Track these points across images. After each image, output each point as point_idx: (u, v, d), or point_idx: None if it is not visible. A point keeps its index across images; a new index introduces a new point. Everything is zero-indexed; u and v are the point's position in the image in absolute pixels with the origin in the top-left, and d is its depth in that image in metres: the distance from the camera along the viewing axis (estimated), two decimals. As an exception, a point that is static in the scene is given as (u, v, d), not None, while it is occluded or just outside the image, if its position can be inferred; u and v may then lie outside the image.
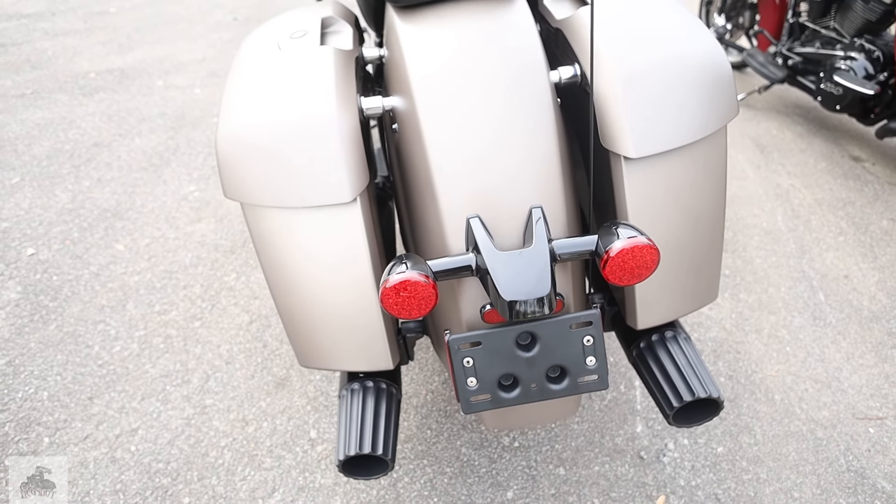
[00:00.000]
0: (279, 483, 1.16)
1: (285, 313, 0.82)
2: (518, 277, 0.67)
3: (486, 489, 1.16)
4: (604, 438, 1.27)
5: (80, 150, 2.36)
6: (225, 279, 1.69)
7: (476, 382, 0.73)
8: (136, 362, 1.42)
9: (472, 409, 0.74)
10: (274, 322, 1.54)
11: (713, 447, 1.26)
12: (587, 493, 1.16)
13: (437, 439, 1.26)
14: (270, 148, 0.72)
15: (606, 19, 0.80)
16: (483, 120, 0.74)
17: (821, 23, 2.59)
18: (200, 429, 1.26)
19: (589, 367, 0.74)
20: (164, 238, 1.86)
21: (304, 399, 1.33)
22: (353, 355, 0.83)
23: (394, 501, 1.13)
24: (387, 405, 0.88)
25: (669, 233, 0.81)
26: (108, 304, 1.59)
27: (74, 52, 3.47)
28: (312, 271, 0.77)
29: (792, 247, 1.94)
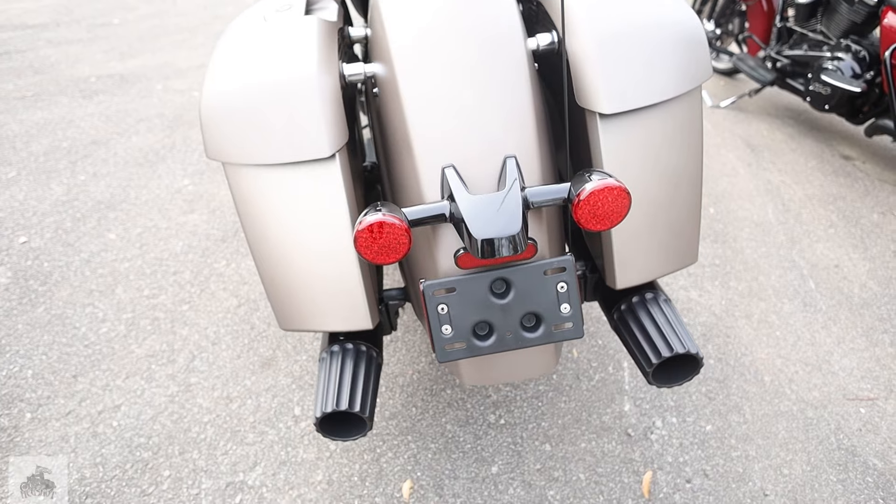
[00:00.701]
0: (261, 457, 1.14)
1: (266, 275, 0.82)
2: (489, 217, 0.68)
3: (470, 464, 1.14)
4: (591, 416, 1.26)
5: (78, 147, 2.39)
6: (215, 266, 1.70)
7: (451, 330, 0.73)
8: (122, 343, 1.41)
9: (448, 357, 0.74)
10: (262, 306, 1.54)
11: (702, 425, 1.25)
12: (573, 468, 1.14)
13: (421, 416, 1.24)
14: (251, 107, 0.74)
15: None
16: (459, 78, 0.75)
17: (807, 26, 2.65)
18: (184, 406, 1.25)
19: (563, 315, 0.74)
20: (157, 228, 1.87)
21: (290, 378, 1.33)
22: (332, 315, 0.84)
23: (376, 475, 1.12)
24: (366, 367, 0.88)
25: (646, 191, 0.81)
26: (98, 289, 1.59)
27: (76, 58, 3.54)
28: (292, 230, 0.78)
29: (782, 238, 1.94)
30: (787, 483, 1.13)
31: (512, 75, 0.77)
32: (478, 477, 1.12)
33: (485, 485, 1.11)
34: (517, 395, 1.30)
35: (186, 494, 1.07)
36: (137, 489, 1.08)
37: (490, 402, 1.28)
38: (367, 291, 0.81)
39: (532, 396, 1.30)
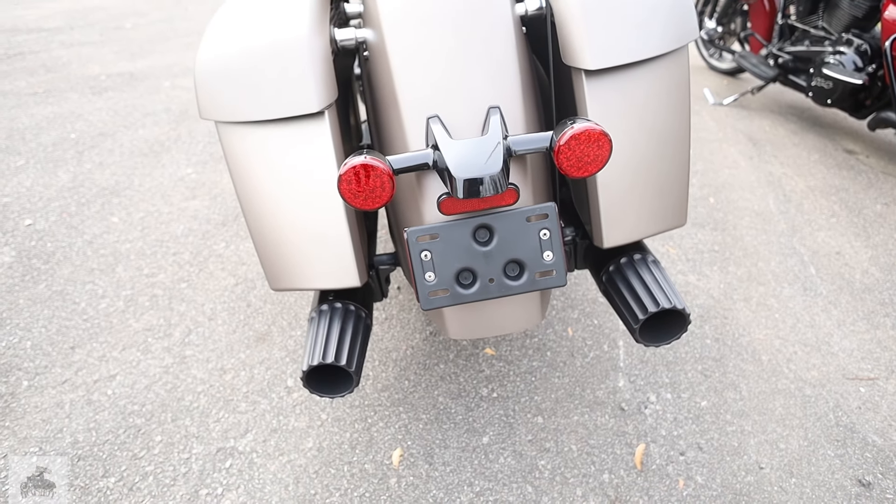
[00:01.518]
0: (252, 425, 1.15)
1: (257, 234, 0.83)
2: (470, 159, 0.69)
3: (461, 434, 1.14)
4: (584, 391, 1.25)
5: (85, 139, 2.44)
6: (214, 247, 1.72)
7: (434, 277, 0.74)
8: (120, 317, 1.43)
9: (431, 304, 0.74)
10: (259, 284, 1.56)
11: (697, 401, 1.23)
12: (565, 439, 1.13)
13: (414, 389, 1.24)
14: (243, 67, 0.76)
15: None
16: (444, 37, 0.77)
17: (809, 22, 2.65)
18: (178, 376, 1.26)
19: (546, 262, 0.74)
20: (159, 212, 1.90)
21: (284, 352, 1.33)
22: (321, 272, 0.84)
23: (367, 444, 1.11)
24: (354, 324, 0.88)
25: (632, 149, 0.82)
26: (98, 268, 1.61)
27: (88, 59, 3.62)
28: (283, 187, 0.79)
29: (783, 226, 1.93)
30: (784, 457, 1.11)
31: (497, 33, 0.78)
32: (468, 446, 1.11)
33: (475, 454, 1.10)
34: (510, 370, 1.30)
35: (177, 458, 1.08)
36: (129, 453, 1.08)
37: (483, 377, 1.27)
38: (355, 249, 0.82)
39: (525, 372, 1.29)
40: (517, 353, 1.34)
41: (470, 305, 0.82)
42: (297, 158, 0.78)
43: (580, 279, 1.61)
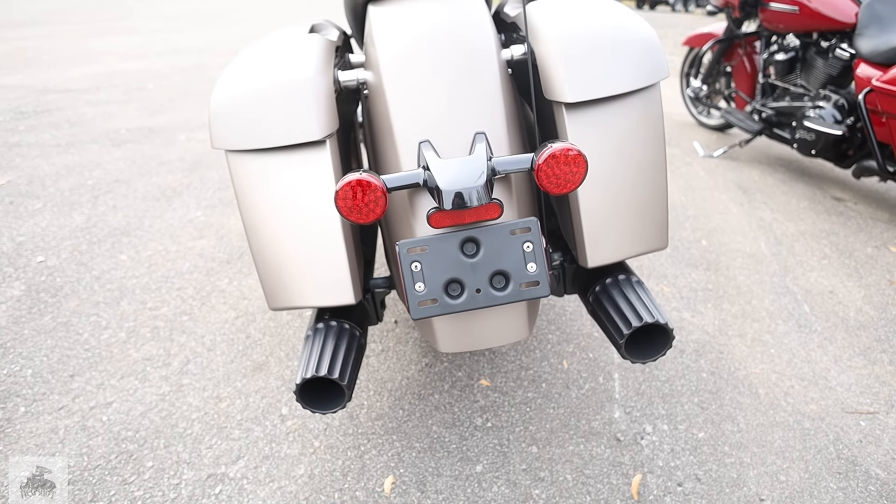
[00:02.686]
0: (244, 451, 1.14)
1: (258, 255, 0.88)
2: (457, 174, 0.75)
3: (454, 463, 1.12)
4: (580, 422, 1.24)
5: (102, 185, 2.55)
6: (218, 283, 1.76)
7: (424, 287, 0.78)
8: (121, 348, 1.45)
9: (421, 314, 0.78)
10: (259, 317, 1.58)
11: (694, 433, 1.22)
12: (560, 469, 1.12)
13: (408, 418, 1.24)
14: (254, 101, 0.84)
15: (547, 8, 0.95)
16: (436, 74, 0.85)
17: (788, 80, 2.82)
18: (174, 404, 1.26)
19: (530, 273, 0.78)
20: (166, 251, 1.96)
21: (280, 381, 1.34)
22: (317, 290, 0.88)
23: (359, 471, 1.10)
24: (348, 341, 0.91)
25: (611, 174, 0.88)
26: (104, 301, 1.65)
27: (111, 115, 3.84)
28: (285, 209, 0.85)
29: (775, 267, 1.96)
30: (784, 489, 1.09)
31: (484, 70, 0.87)
32: (461, 475, 1.10)
33: (468, 482, 1.08)
34: (505, 400, 1.29)
35: (167, 484, 1.06)
36: (119, 477, 1.07)
37: (478, 407, 1.27)
38: (350, 267, 0.87)
39: (520, 402, 1.29)
40: (512, 384, 1.35)
41: (459, 318, 0.85)
42: (299, 182, 0.85)
43: (575, 315, 1.63)
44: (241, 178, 0.86)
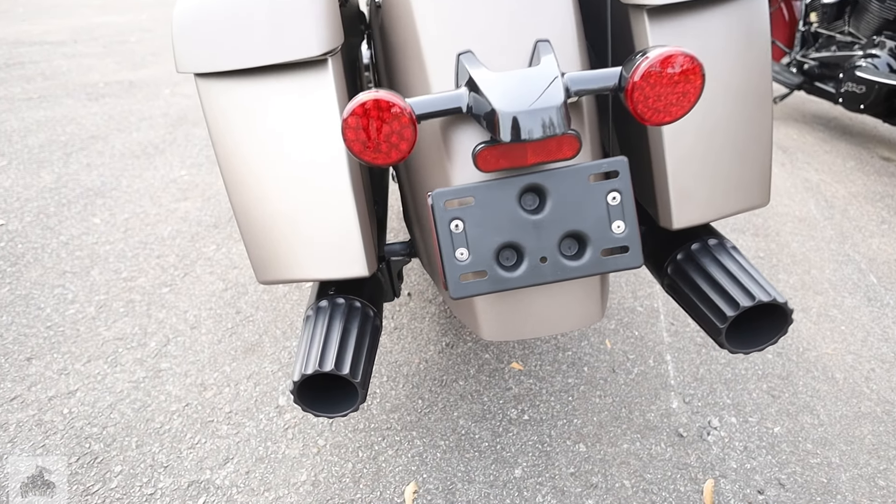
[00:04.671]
0: (234, 453, 0.95)
1: (242, 215, 0.67)
2: (520, 91, 0.52)
3: (488, 465, 0.93)
4: (632, 414, 1.05)
5: (75, 142, 2.30)
6: (203, 250, 1.54)
7: (468, 255, 0.56)
8: (89, 325, 1.24)
9: (463, 291, 0.56)
10: (251, 289, 1.37)
11: (768, 427, 1.03)
12: (615, 473, 0.93)
13: (429, 410, 1.04)
14: (230, 5, 0.60)
15: None
16: None
17: (834, 28, 2.54)
18: (150, 393, 1.06)
19: (616, 235, 0.56)
20: (145, 213, 1.73)
21: (276, 365, 1.14)
22: (320, 259, 0.67)
23: (373, 477, 0.91)
24: (360, 325, 0.71)
25: (706, 107, 0.66)
26: (71, 270, 1.43)
27: (88, 68, 3.53)
28: (274, 153, 0.63)
29: (831, 232, 1.75)
30: (887, 497, 0.90)
31: None
32: (497, 480, 0.91)
33: (507, 490, 0.89)
34: (542, 388, 1.10)
35: (138, 495, 0.87)
36: (80, 486, 0.88)
37: (511, 396, 1.08)
38: (362, 229, 0.65)
39: (560, 390, 1.09)
40: (549, 368, 1.15)
41: (510, 297, 0.63)
42: (292, 116, 0.62)
43: (614, 285, 1.42)
44: (217, 113, 0.63)
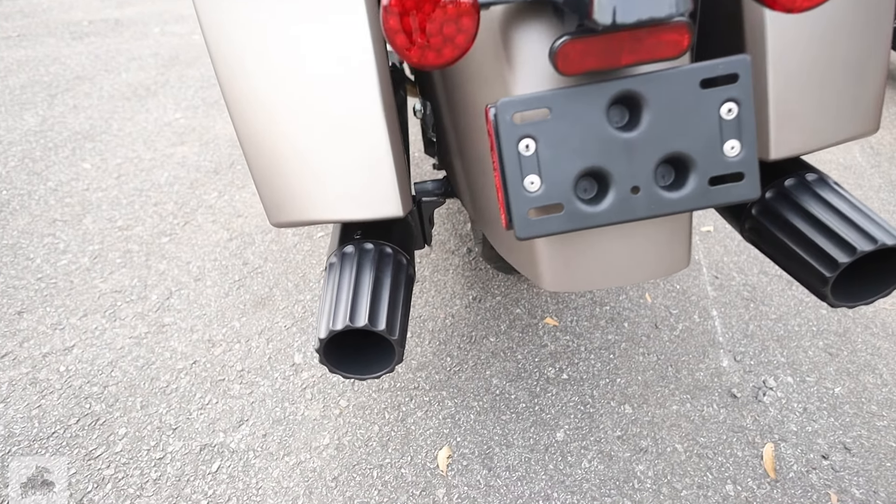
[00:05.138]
0: (249, 414, 0.87)
1: (252, 147, 0.55)
2: None
3: (527, 428, 0.86)
4: (680, 373, 0.96)
5: (60, 82, 2.13)
6: (204, 198, 1.42)
7: (539, 184, 0.44)
8: (83, 277, 1.14)
9: (531, 230, 0.45)
10: (258, 239, 1.26)
11: (828, 387, 0.94)
12: (665, 436, 0.85)
13: (459, 368, 0.96)
14: None
15: None
16: None
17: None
18: (153, 349, 0.98)
19: (729, 159, 0.45)
20: (139, 158, 1.60)
21: (289, 320, 1.04)
22: (345, 198, 0.56)
23: (402, 440, 0.83)
24: (394, 274, 0.60)
25: (817, 19, 0.53)
26: (62, 219, 1.32)
27: (70, 5, 3.28)
28: (289, 70, 0.51)
29: (878, 181, 1.62)
30: (962, 462, 0.83)
31: None
32: (538, 445, 0.83)
33: (549, 455, 0.82)
34: (580, 345, 1.01)
35: (146, 459, 0.80)
36: (82, 450, 0.80)
37: (547, 353, 0.99)
38: (396, 162, 0.54)
39: (600, 347, 1.00)
40: (586, 323, 1.06)
41: (581, 239, 0.52)
42: (309, 21, 0.50)
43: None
44: (216, 24, 0.51)
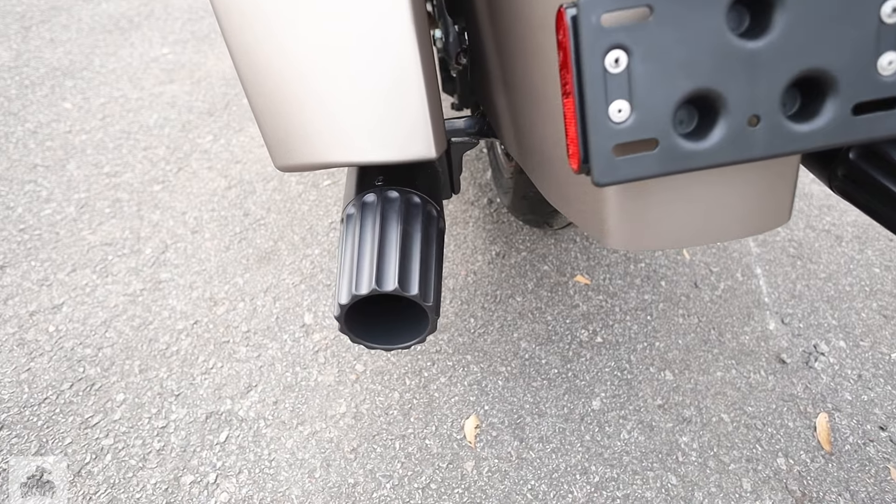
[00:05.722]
0: (257, 378, 0.80)
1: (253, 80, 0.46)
2: None
3: (560, 396, 0.79)
4: (723, 337, 0.89)
5: (33, 13, 1.94)
6: (198, 141, 1.30)
7: (629, 111, 0.34)
8: (70, 228, 1.05)
9: (616, 173, 0.35)
10: (259, 187, 1.16)
11: (883, 352, 0.87)
12: (710, 405, 0.79)
13: (484, 330, 0.88)
14: None
15: None
16: None
17: None
18: (150, 308, 0.90)
19: (884, 78, 0.34)
20: (125, 98, 1.46)
21: (297, 276, 0.96)
22: (367, 136, 0.46)
23: (425, 409, 0.77)
24: (424, 228, 0.51)
25: None
26: (43, 164, 1.21)
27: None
28: None
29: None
30: None
31: None
32: (573, 414, 0.77)
33: (585, 425, 0.75)
34: (615, 305, 0.93)
35: (148, 428, 0.73)
36: (77, 418, 0.74)
37: (579, 314, 0.91)
38: (429, 94, 0.43)
39: (636, 308, 0.93)
40: (619, 282, 0.97)
41: (664, 185, 0.42)
42: None
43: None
44: None
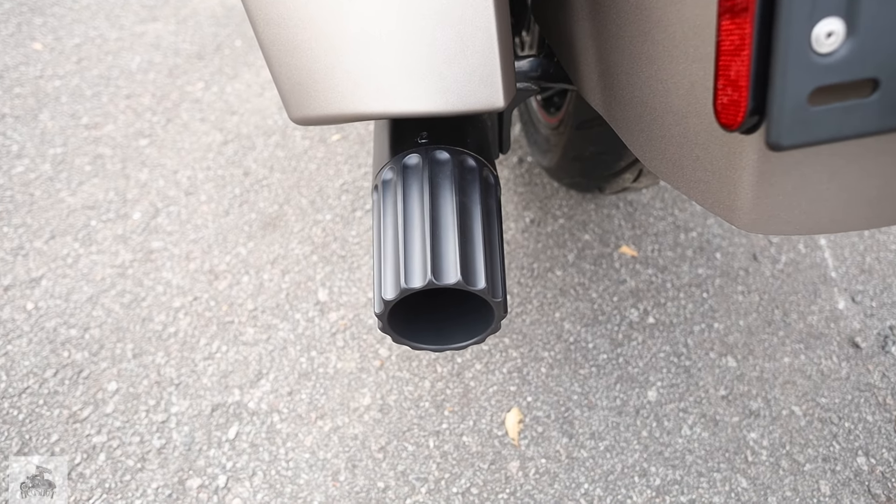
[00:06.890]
0: (268, 365, 0.70)
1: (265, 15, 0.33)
2: None
3: (611, 385, 0.70)
4: (788, 317, 0.79)
5: (-5, -60, 1.71)
6: (188, 89, 1.15)
7: (843, 35, 0.21)
8: (46, 188, 0.92)
9: (810, 131, 0.23)
10: (259, 143, 1.02)
11: (965, 335, 0.78)
12: (779, 396, 0.70)
13: (522, 310, 0.78)
14: None
15: None
16: None
17: None
18: (141, 282, 0.79)
19: None
20: (102, 38, 1.29)
21: (308, 246, 0.85)
22: (413, 80, 0.37)
23: (460, 399, 0.68)
24: (483, 201, 0.40)
25: None
26: (12, 114, 1.07)
27: None
28: None
29: None
30: None
31: None
32: (627, 407, 0.68)
33: (640, 419, 0.67)
34: (666, 280, 0.83)
35: (146, 422, 0.64)
36: (64, 410, 0.65)
37: (627, 291, 0.81)
38: (498, 26, 0.31)
39: (689, 283, 0.83)
40: (670, 253, 0.87)
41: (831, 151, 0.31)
42: None
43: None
44: None
